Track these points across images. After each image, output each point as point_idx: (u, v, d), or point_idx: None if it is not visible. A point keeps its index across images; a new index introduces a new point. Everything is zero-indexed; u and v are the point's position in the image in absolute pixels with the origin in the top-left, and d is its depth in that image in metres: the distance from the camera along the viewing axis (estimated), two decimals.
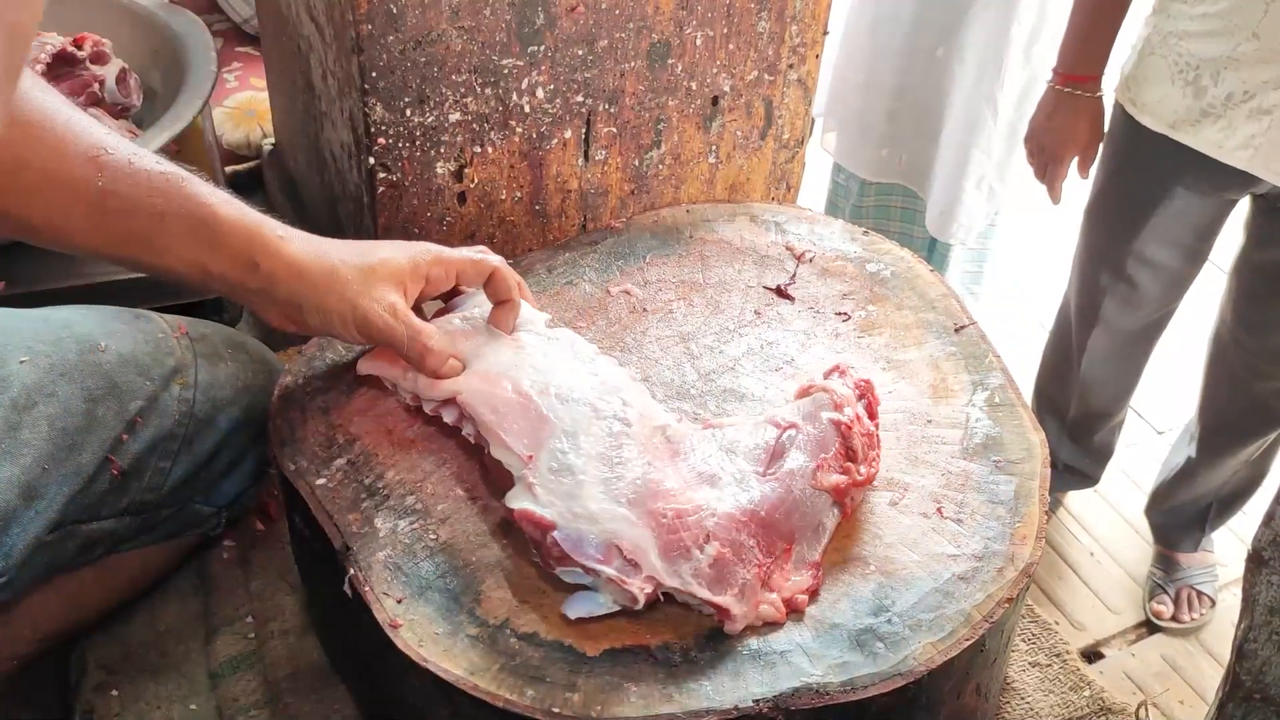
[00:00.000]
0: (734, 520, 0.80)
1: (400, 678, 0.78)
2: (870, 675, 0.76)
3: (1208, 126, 1.61)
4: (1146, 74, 1.67)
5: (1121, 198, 1.83)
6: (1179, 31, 1.60)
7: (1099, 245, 1.90)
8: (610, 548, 0.78)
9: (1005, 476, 0.89)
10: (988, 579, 0.82)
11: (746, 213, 1.17)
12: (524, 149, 1.14)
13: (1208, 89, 1.59)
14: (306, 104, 1.27)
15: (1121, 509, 2.40)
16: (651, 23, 1.12)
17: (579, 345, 0.93)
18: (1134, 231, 1.81)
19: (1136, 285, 1.87)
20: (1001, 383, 0.97)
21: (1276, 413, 1.90)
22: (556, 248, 1.12)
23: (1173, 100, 1.64)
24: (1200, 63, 1.58)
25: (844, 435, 0.85)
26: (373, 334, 0.87)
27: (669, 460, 0.84)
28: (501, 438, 0.84)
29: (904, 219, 2.35)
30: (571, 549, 0.77)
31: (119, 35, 1.36)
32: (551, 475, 0.81)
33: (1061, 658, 1.02)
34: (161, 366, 0.91)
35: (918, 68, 2.12)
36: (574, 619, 0.78)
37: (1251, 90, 1.55)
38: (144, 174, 0.79)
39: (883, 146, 2.24)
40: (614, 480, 0.81)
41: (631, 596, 0.77)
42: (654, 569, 0.77)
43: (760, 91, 1.23)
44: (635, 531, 0.78)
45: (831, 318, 1.04)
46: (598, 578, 0.78)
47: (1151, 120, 1.68)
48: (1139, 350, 2.02)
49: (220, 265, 0.82)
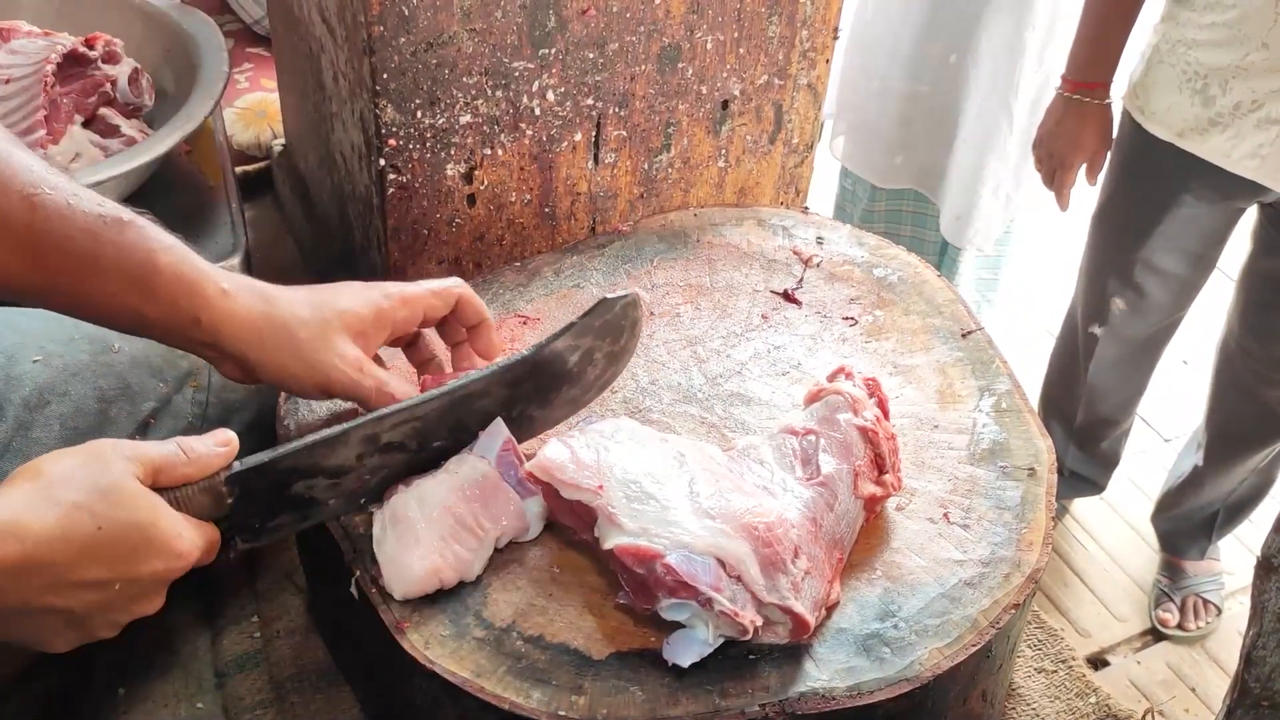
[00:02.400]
0: (807, 530, 0.79)
1: (406, 679, 0.78)
2: (876, 680, 0.76)
3: (1215, 135, 1.61)
4: (1155, 82, 1.67)
5: (1129, 205, 1.82)
6: (1188, 40, 1.60)
7: (1106, 253, 1.90)
8: (717, 570, 0.75)
9: (1012, 482, 0.89)
10: (994, 585, 0.82)
11: (754, 217, 1.17)
12: (534, 151, 1.14)
13: (1216, 98, 1.59)
14: (317, 105, 1.28)
15: (1128, 516, 2.40)
16: (662, 26, 1.12)
17: None
18: (1141, 239, 1.81)
19: (1144, 293, 1.87)
20: (1009, 388, 0.97)
21: None
22: (563, 251, 1.12)
23: (1181, 109, 1.64)
24: (1209, 71, 1.58)
25: (872, 442, 0.85)
26: (334, 392, 0.83)
27: (730, 477, 0.82)
28: (567, 480, 0.80)
29: (915, 223, 2.34)
30: (688, 575, 0.74)
31: (131, 35, 1.37)
32: (631, 504, 0.78)
33: (1067, 664, 1.02)
34: (175, 369, 0.92)
35: (930, 73, 2.11)
36: (675, 662, 0.75)
37: (1260, 100, 1.55)
38: (81, 215, 0.74)
39: (895, 153, 2.24)
40: (696, 498, 0.79)
41: (743, 629, 0.75)
42: (756, 584, 0.75)
43: (770, 96, 1.23)
44: (735, 545, 0.76)
45: (838, 322, 1.04)
46: (709, 609, 0.75)
47: (1159, 128, 1.68)
48: (1146, 358, 2.02)
49: (158, 314, 0.77)
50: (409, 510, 0.80)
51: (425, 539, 0.79)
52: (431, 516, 0.80)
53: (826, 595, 0.79)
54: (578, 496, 0.79)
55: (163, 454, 0.69)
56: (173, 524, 0.68)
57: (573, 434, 0.83)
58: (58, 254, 0.74)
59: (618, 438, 0.83)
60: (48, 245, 0.74)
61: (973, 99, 2.09)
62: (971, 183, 2.15)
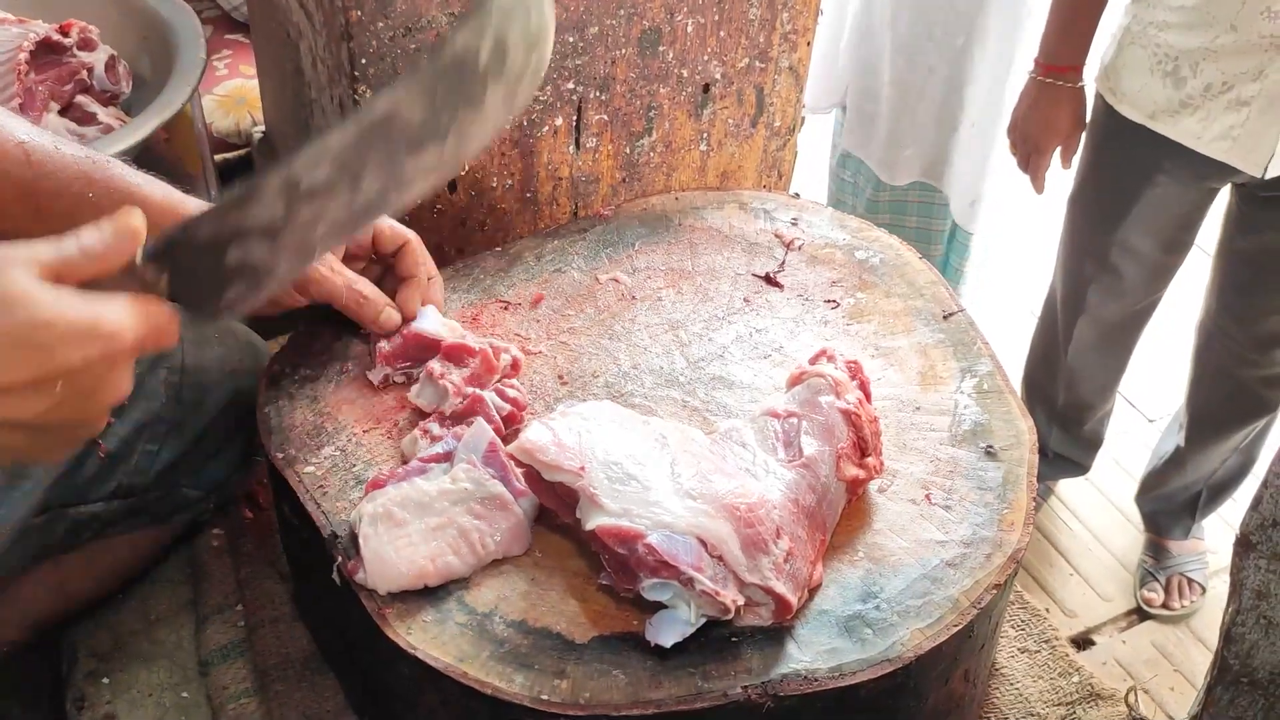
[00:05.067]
0: (789, 511, 0.79)
1: (389, 666, 0.78)
2: (858, 661, 0.76)
3: (1186, 117, 1.62)
4: (1126, 64, 1.67)
5: (1103, 187, 1.83)
6: (1158, 22, 1.61)
7: (1082, 235, 1.91)
8: (698, 550, 0.75)
9: (993, 463, 0.90)
10: (976, 565, 0.82)
11: (735, 200, 1.16)
12: (515, 136, 1.13)
13: (1187, 80, 1.59)
14: (296, 91, 1.27)
15: (1113, 497, 2.41)
16: (642, 9, 1.11)
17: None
18: (1117, 221, 1.82)
19: (1121, 274, 1.88)
20: (990, 370, 0.97)
21: (1263, 400, 1.91)
22: (545, 235, 1.12)
23: (1152, 91, 1.64)
24: (1179, 54, 1.59)
25: (855, 425, 0.85)
26: (310, 288, 0.89)
27: (712, 459, 0.83)
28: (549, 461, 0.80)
29: (920, 212, 2.35)
30: (669, 555, 0.75)
31: (107, 22, 1.36)
32: (613, 485, 0.78)
33: (1050, 644, 1.03)
34: None
35: (935, 59, 2.12)
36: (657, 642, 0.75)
37: (1230, 81, 1.56)
38: (70, 159, 0.80)
39: (904, 146, 2.25)
40: (678, 479, 0.79)
41: (724, 608, 0.75)
42: (738, 564, 0.75)
43: (751, 79, 1.23)
44: (717, 524, 0.76)
45: (820, 305, 1.04)
46: (690, 589, 0.75)
47: (1131, 110, 1.69)
48: (1125, 340, 2.03)
49: None
50: (403, 512, 0.80)
51: (420, 544, 0.79)
52: (431, 525, 0.80)
53: (809, 577, 0.79)
54: (560, 478, 0.79)
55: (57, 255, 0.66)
56: (86, 306, 0.64)
57: (554, 416, 0.83)
58: (53, 197, 0.79)
59: (599, 420, 0.83)
60: (45, 189, 0.79)
61: (979, 81, 2.10)
62: (980, 166, 2.17)
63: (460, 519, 0.80)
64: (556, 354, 0.98)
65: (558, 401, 0.94)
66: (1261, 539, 0.74)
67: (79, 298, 0.65)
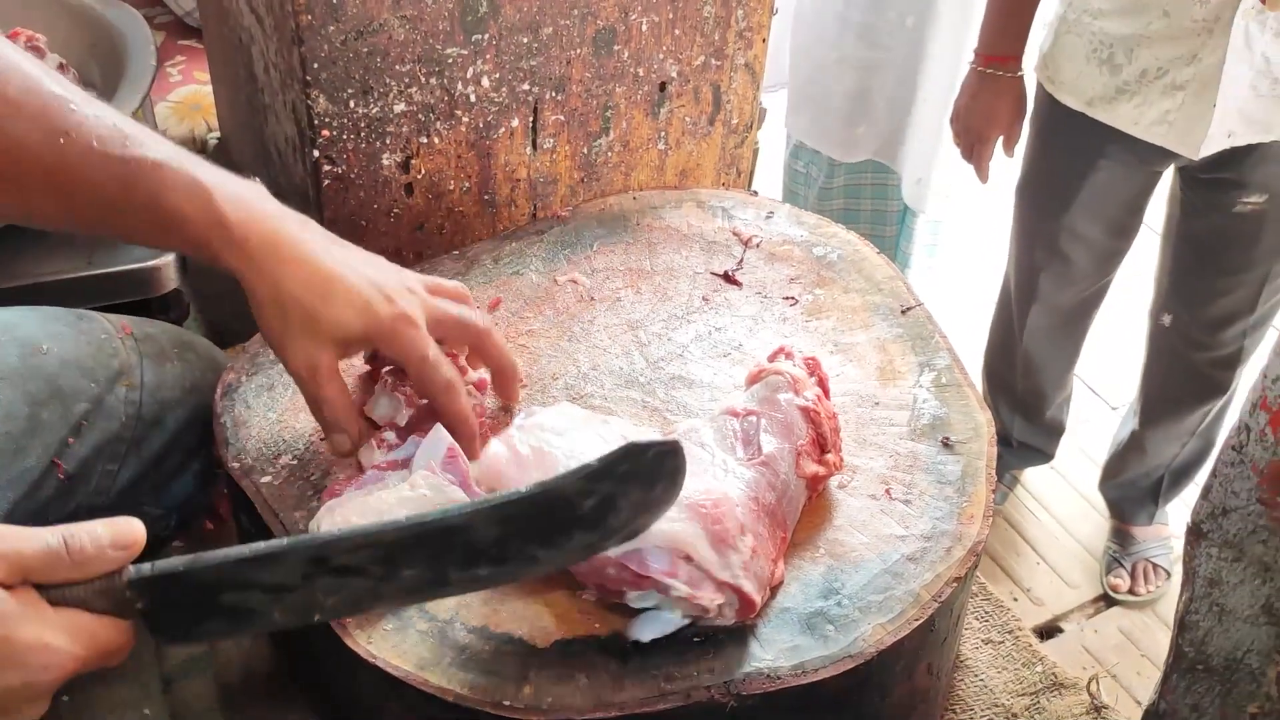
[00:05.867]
0: (750, 509, 0.79)
1: (352, 676, 0.78)
2: (821, 658, 0.76)
3: (1123, 103, 1.65)
4: (1063, 52, 1.70)
5: (1048, 174, 1.86)
6: (1093, 10, 1.63)
7: (1031, 222, 1.94)
8: (669, 556, 0.75)
9: (953, 456, 0.90)
10: (936, 559, 0.82)
11: (693, 199, 1.16)
12: (471, 139, 1.13)
13: (1122, 66, 1.62)
14: (250, 97, 1.25)
15: (1078, 485, 2.43)
16: (596, 9, 1.11)
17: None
18: (1063, 207, 1.84)
19: (1070, 260, 1.91)
20: (948, 363, 0.98)
21: (1215, 381, 1.94)
22: (503, 237, 1.11)
23: (1089, 78, 1.67)
24: (1114, 41, 1.62)
25: (814, 422, 0.85)
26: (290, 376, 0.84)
27: None
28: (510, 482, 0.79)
29: (875, 195, 2.36)
30: (640, 568, 0.74)
31: (55, 30, 1.33)
32: None
33: (1014, 635, 1.04)
34: (106, 368, 0.90)
35: (888, 39, 2.13)
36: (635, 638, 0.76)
37: (1164, 67, 1.59)
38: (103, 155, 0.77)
39: (856, 125, 2.25)
40: None
41: (703, 608, 0.75)
42: (709, 563, 0.75)
43: (708, 77, 1.23)
44: (685, 526, 0.75)
45: (779, 302, 1.04)
46: (667, 595, 0.75)
47: (1069, 98, 1.71)
48: (1078, 325, 2.06)
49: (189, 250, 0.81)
50: (361, 520, 0.78)
51: None
52: None
53: (771, 574, 0.79)
54: None
55: (37, 551, 0.61)
56: (35, 632, 0.59)
57: (513, 429, 0.83)
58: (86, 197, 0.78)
59: (559, 427, 0.83)
60: (78, 188, 0.77)
61: (931, 61, 2.11)
62: (931, 145, 2.18)
63: None
64: (515, 356, 0.98)
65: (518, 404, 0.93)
66: (1212, 527, 0.74)
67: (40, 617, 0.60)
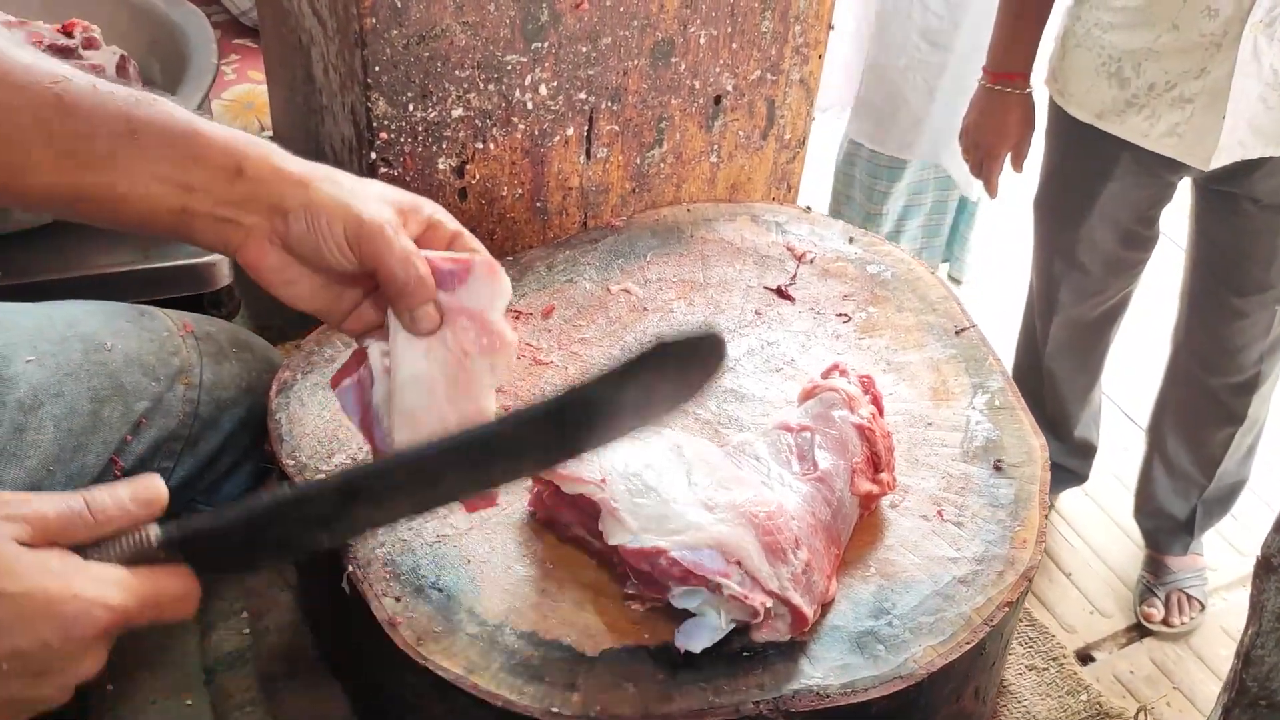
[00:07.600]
0: (806, 523, 0.79)
1: (398, 675, 0.78)
2: (870, 678, 0.75)
3: (1133, 116, 1.65)
4: (1071, 66, 1.71)
5: (1064, 187, 1.87)
6: (1102, 24, 1.64)
7: (1049, 235, 1.94)
8: (721, 559, 0.75)
9: (1005, 480, 0.89)
10: (988, 582, 0.82)
11: (747, 212, 1.16)
12: (526, 146, 1.13)
13: (1131, 80, 1.62)
14: (307, 97, 1.27)
15: (1112, 512, 2.41)
16: (655, 21, 1.11)
17: None
18: (1080, 219, 1.85)
19: (1088, 271, 1.91)
20: (1001, 386, 0.97)
21: (1229, 408, 1.92)
22: (556, 245, 1.12)
23: (1099, 91, 1.67)
24: (1122, 54, 1.62)
25: (869, 440, 0.85)
26: (363, 238, 0.72)
27: (728, 469, 0.82)
28: (569, 474, 0.79)
29: (939, 187, 2.50)
30: (693, 565, 0.74)
31: (117, 24, 1.35)
32: (633, 499, 0.78)
33: (1058, 662, 1.03)
34: (167, 366, 0.90)
35: (950, 39, 2.21)
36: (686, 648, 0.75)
37: (1173, 80, 1.59)
38: (108, 94, 0.70)
39: (921, 124, 2.34)
40: (696, 489, 0.79)
41: (753, 611, 0.74)
42: (759, 572, 0.75)
43: (763, 91, 1.23)
44: (738, 532, 0.76)
45: (832, 319, 1.04)
46: (719, 594, 0.74)
47: (1079, 111, 1.72)
48: (1099, 339, 2.05)
49: (201, 177, 0.70)
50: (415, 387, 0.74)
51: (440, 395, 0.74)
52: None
53: (824, 590, 0.79)
54: (581, 490, 0.78)
55: (61, 512, 0.61)
56: (61, 584, 0.59)
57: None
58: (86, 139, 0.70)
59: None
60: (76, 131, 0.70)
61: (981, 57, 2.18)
62: None
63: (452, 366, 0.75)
64: (568, 364, 0.98)
65: None
66: None
67: (57, 571, 0.59)
